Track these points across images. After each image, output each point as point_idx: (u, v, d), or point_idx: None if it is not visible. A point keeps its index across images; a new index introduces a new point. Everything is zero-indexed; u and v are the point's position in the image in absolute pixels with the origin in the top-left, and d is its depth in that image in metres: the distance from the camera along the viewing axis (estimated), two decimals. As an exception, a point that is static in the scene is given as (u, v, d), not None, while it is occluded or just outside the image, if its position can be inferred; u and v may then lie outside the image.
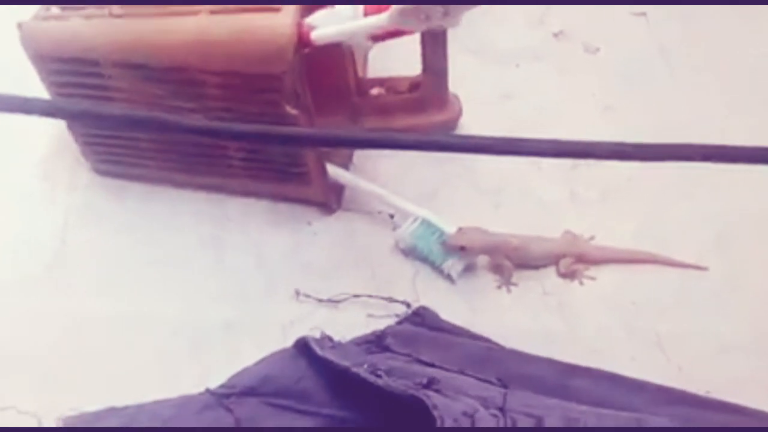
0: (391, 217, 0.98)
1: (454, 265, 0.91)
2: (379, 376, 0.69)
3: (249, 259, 0.95)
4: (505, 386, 0.77)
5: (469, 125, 1.09)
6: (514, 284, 0.92)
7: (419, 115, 1.06)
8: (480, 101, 1.10)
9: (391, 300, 0.89)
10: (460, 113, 1.08)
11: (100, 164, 1.03)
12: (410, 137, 0.56)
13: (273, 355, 0.79)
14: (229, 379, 0.78)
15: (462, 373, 0.79)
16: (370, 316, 0.88)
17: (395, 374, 0.74)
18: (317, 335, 0.81)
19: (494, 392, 0.74)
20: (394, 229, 0.96)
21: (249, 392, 0.75)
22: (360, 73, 1.10)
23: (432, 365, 0.80)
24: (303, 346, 0.78)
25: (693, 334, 0.86)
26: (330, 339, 0.80)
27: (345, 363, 0.72)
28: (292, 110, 0.83)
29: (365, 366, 0.71)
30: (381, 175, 1.03)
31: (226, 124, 0.67)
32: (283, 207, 1.00)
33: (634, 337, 0.86)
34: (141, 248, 0.96)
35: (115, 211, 1.00)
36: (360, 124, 1.08)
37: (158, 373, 0.85)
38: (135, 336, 0.88)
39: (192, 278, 0.93)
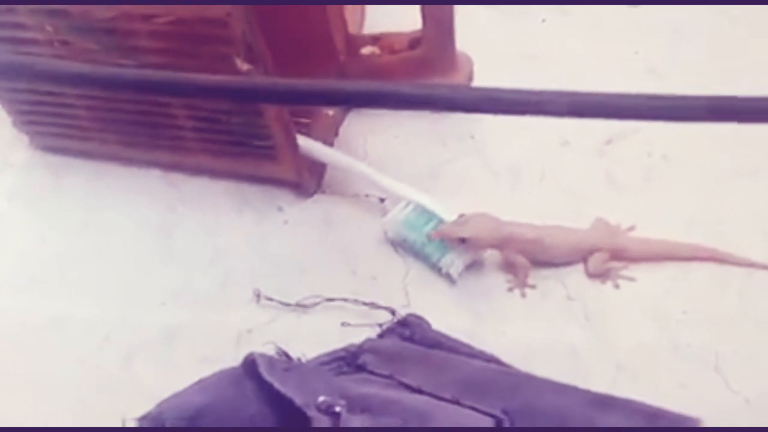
0: (382, 201, 0.81)
1: (454, 262, 0.73)
2: (334, 414, 0.52)
3: (203, 252, 0.78)
4: (512, 421, 0.59)
5: (482, 92, 0.90)
6: (531, 286, 0.73)
7: (421, 79, 0.89)
8: (496, 62, 0.92)
9: (373, 305, 0.71)
10: (471, 77, 0.91)
11: (39, 138, 0.88)
12: (402, 90, 0.39)
13: (214, 377, 0.62)
14: (157, 407, 0.61)
15: (458, 402, 0.61)
16: (345, 324, 0.71)
17: (364, 407, 0.57)
18: (273, 350, 0.64)
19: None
20: (384, 216, 0.78)
21: (178, 428, 0.58)
22: (353, 29, 0.92)
23: (419, 391, 0.63)
24: (251, 366, 0.61)
25: (764, 354, 0.67)
26: (287, 356, 0.63)
27: (293, 392, 0.54)
28: (243, 65, 0.66)
29: (321, 399, 0.54)
30: (372, 153, 0.87)
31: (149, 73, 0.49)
32: (249, 189, 0.83)
33: (685, 358, 0.68)
34: (74, 237, 0.81)
35: (50, 192, 0.85)
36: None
37: (80, 391, 0.70)
38: (56, 344, 0.73)
39: (132, 274, 0.77)
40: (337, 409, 0.53)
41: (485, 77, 0.90)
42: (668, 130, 0.84)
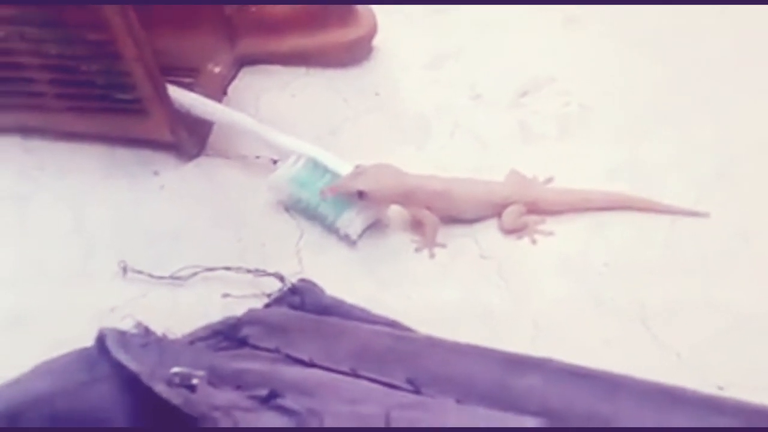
0: (274, 162, 0.72)
1: (352, 221, 0.65)
2: (189, 387, 0.42)
3: (63, 223, 0.68)
4: (417, 391, 0.52)
5: (388, 47, 0.85)
6: (440, 246, 0.66)
7: (316, 33, 0.82)
8: (403, 14, 0.86)
9: (259, 273, 0.62)
10: (373, 30, 0.83)
11: None
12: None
13: (63, 359, 0.52)
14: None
15: (355, 374, 0.53)
16: (227, 296, 0.61)
17: (238, 382, 0.47)
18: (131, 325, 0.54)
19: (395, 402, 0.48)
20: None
21: (5, 423, 0.48)
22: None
23: (310, 364, 0.54)
24: (103, 343, 0.51)
25: (693, 305, 0.60)
26: (148, 331, 0.53)
27: (142, 368, 0.45)
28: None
29: (175, 370, 0.44)
30: (265, 112, 0.78)
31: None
32: (122, 153, 0.73)
33: (609, 312, 0.61)
34: None
35: None
36: (238, 46, 0.81)
37: None
38: None
39: (-24, 253, 0.66)
40: (194, 381, 0.43)
41: (390, 30, 0.83)
42: (585, 78, 0.80)
